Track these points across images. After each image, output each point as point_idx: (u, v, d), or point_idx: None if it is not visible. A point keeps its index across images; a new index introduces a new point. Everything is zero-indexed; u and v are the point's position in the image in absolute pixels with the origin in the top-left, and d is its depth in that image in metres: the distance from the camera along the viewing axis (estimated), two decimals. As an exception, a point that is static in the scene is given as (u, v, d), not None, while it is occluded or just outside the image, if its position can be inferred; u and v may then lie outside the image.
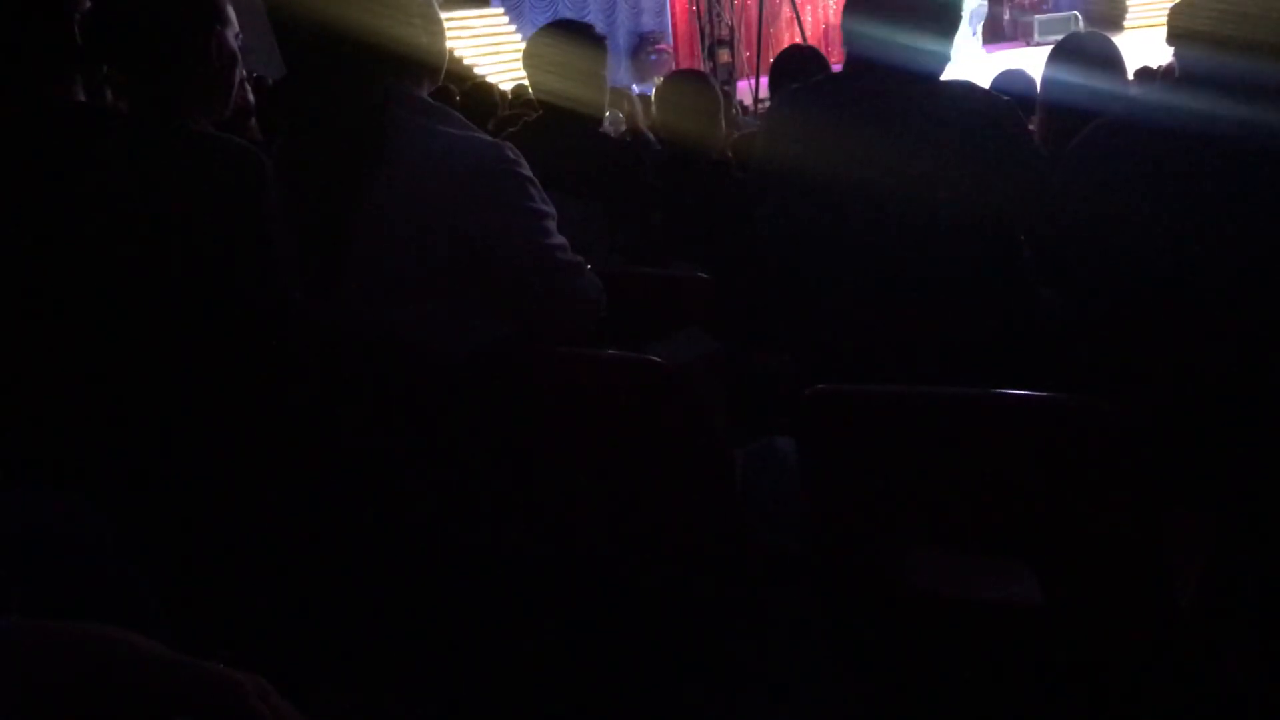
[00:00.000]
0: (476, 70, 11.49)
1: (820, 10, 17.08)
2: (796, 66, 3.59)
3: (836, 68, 3.00)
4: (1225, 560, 1.56)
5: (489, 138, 1.78)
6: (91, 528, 0.99)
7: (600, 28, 3.27)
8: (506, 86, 8.49)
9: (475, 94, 6.08)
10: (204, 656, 0.64)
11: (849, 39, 2.10)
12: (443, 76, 1.92)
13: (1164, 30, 1.95)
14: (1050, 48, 3.10)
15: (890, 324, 2.06)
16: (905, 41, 2.01)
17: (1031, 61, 5.94)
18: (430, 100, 1.78)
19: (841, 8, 2.19)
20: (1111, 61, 2.90)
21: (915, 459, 1.47)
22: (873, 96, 2.05)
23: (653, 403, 1.63)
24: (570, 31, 3.08)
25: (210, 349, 1.71)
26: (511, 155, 1.73)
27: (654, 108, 4.42)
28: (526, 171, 1.76)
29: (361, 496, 1.67)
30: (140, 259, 1.66)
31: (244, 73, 2.64)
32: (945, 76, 2.10)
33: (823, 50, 4.73)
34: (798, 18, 11.55)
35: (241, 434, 1.65)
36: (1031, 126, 2.80)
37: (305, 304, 1.76)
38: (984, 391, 1.40)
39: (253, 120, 3.03)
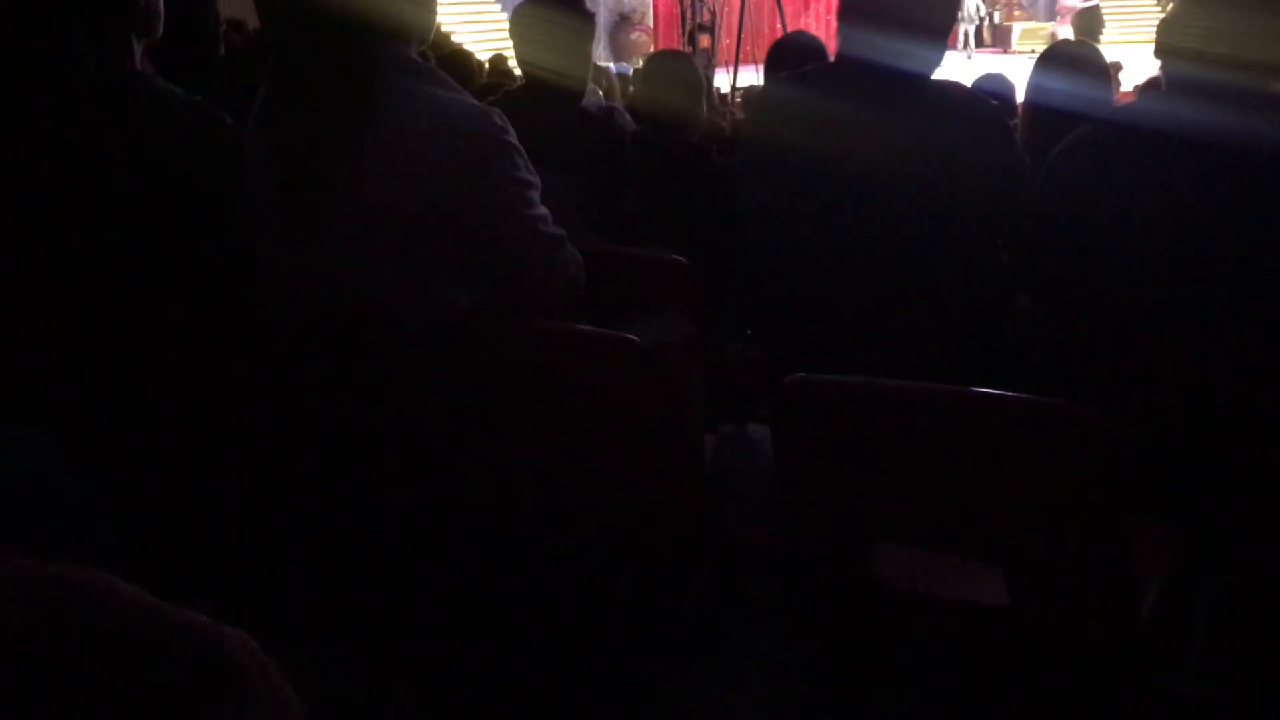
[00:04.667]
0: (454, 39, 11.35)
1: (800, 3, 17.05)
2: (796, 54, 3.56)
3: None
4: (1188, 571, 1.58)
5: (478, 103, 1.75)
6: (50, 469, 0.96)
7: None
8: (483, 57, 8.41)
9: (452, 61, 6.01)
10: (185, 607, 0.62)
11: (842, 42, 2.10)
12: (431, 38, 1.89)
13: (1136, 47, 1.97)
14: (1027, 56, 3.11)
15: (864, 317, 2.06)
16: (897, 48, 2.01)
17: (1007, 68, 5.96)
18: (421, 60, 1.75)
19: (819, 3, 2.19)
20: (1098, 70, 2.91)
21: (890, 453, 1.47)
22: (861, 88, 2.04)
23: (628, 382, 1.61)
24: (559, 4, 3.04)
25: (176, 304, 1.67)
26: (499, 122, 1.71)
27: (637, 83, 4.39)
28: (513, 140, 1.73)
29: (330, 459, 1.64)
30: (104, 215, 1.61)
31: (223, 22, 2.58)
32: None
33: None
34: (779, 8, 11.51)
35: (211, 389, 1.62)
36: (1012, 131, 2.81)
37: (279, 262, 1.72)
38: (964, 390, 1.40)
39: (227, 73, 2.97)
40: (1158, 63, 1.94)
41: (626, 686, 1.84)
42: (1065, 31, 14.29)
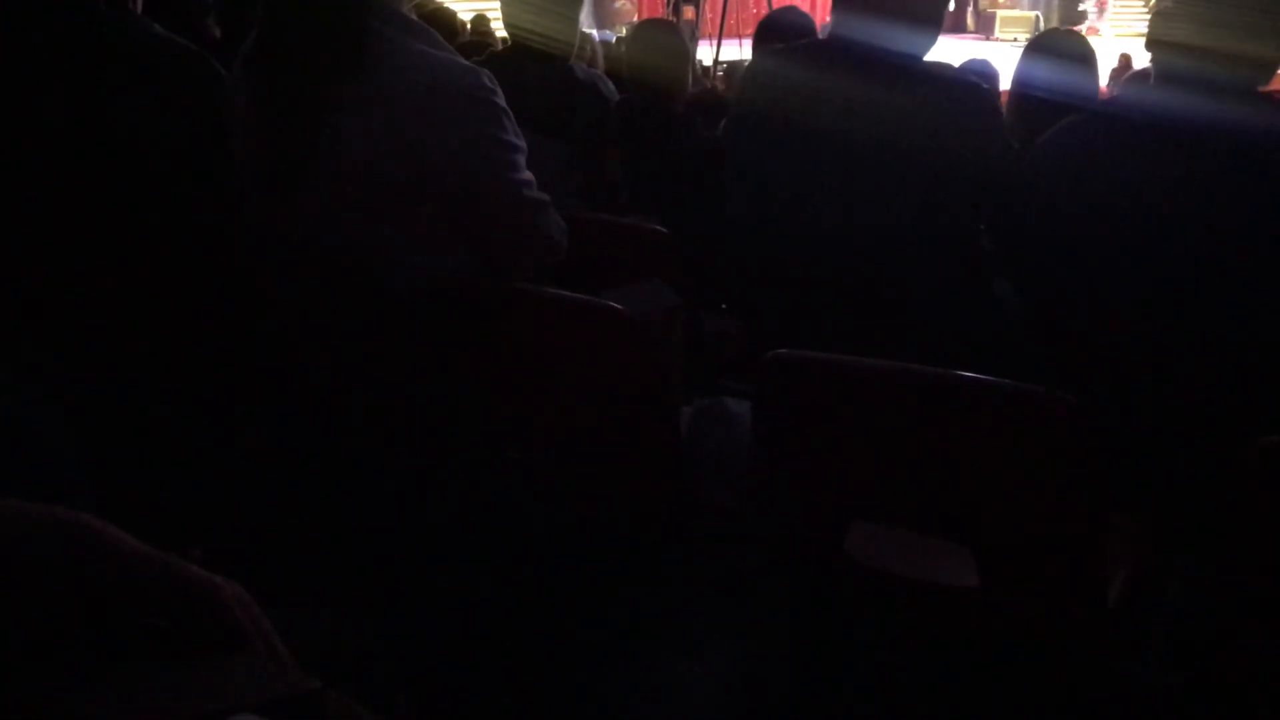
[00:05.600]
0: (436, -2, 11.21)
1: (787, -21, 16.96)
2: (786, 30, 3.54)
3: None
4: (1155, 562, 1.60)
5: (467, 62, 1.73)
6: (30, 411, 0.94)
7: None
8: (465, 17, 8.33)
9: (435, 19, 5.94)
10: (176, 554, 0.61)
11: (835, 25, 2.09)
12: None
13: (1117, 40, 1.98)
14: (1008, 44, 3.11)
15: (843, 295, 2.07)
16: (890, 33, 2.00)
17: (989, 55, 5.94)
18: (412, 17, 1.72)
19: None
20: (1086, 60, 2.92)
21: (868, 432, 1.48)
22: (853, 65, 2.04)
23: (612, 349, 1.61)
24: (550, -31, 3.00)
25: (153, 253, 1.66)
26: (489, 83, 1.69)
27: (624, 50, 4.36)
28: (502, 102, 1.72)
29: (309, 413, 1.63)
30: (88, 161, 1.60)
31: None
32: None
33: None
34: (765, -17, 11.44)
35: (192, 339, 1.61)
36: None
37: (263, 213, 1.70)
38: (945, 372, 1.41)
39: (211, 19, 2.93)
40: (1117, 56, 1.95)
41: (595, 652, 1.84)
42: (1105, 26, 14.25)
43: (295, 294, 1.70)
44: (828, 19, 2.18)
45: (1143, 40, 1.99)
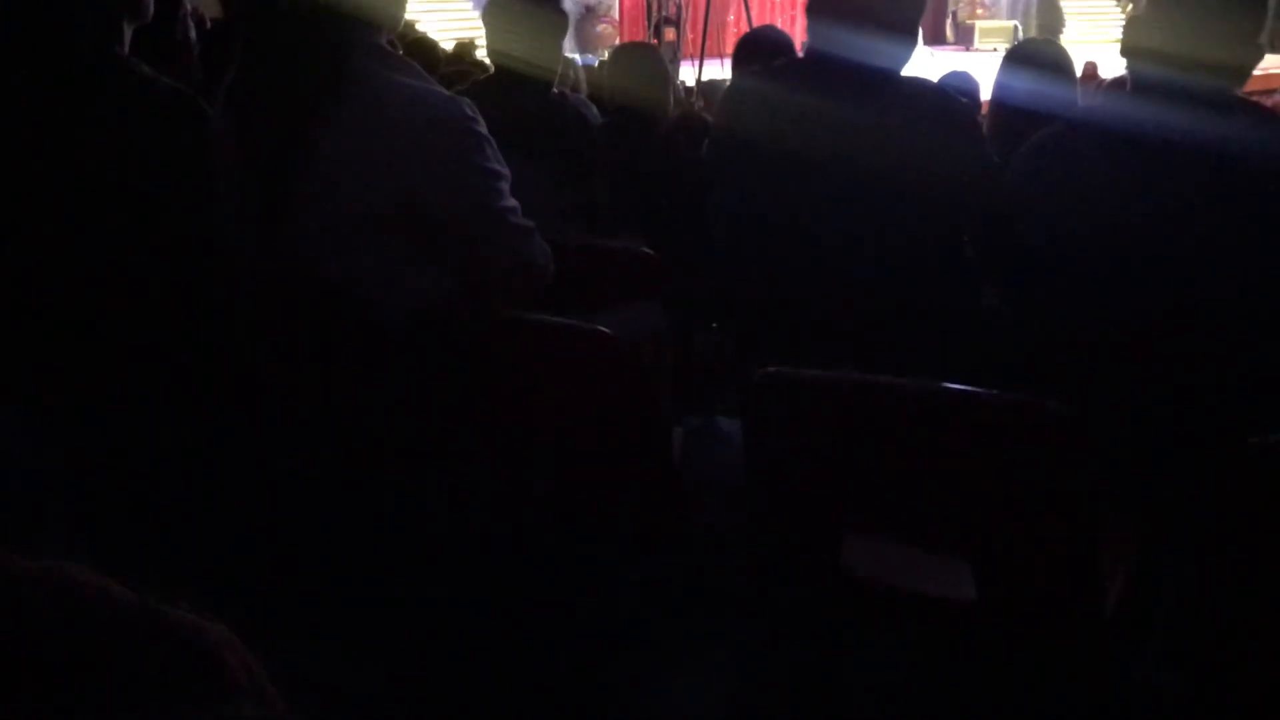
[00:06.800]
0: (418, 26, 11.25)
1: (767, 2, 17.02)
2: (764, 49, 3.56)
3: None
4: (1151, 563, 1.60)
5: (447, 92, 1.74)
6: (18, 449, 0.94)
7: (549, -5, 3.19)
8: (447, 45, 8.35)
9: (416, 49, 5.95)
10: (165, 599, 0.61)
11: (811, 37, 2.10)
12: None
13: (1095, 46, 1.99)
14: (988, 54, 3.13)
15: (830, 311, 2.07)
16: (866, 44, 2.02)
17: (968, 66, 5.95)
18: (390, 49, 1.74)
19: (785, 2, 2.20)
20: (1063, 69, 2.94)
21: (860, 447, 1.48)
22: (831, 84, 2.05)
23: (601, 374, 1.61)
24: None
25: (140, 289, 1.66)
26: (469, 112, 1.70)
27: (606, 73, 4.39)
28: (483, 130, 1.73)
29: (298, 447, 1.63)
30: (74, 200, 1.61)
31: (188, 6, 2.56)
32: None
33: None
34: (745, 3, 11.48)
35: (178, 375, 1.61)
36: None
37: (246, 247, 1.70)
38: (935, 385, 1.41)
39: (194, 58, 2.93)
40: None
41: (591, 674, 1.84)
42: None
43: (282, 325, 1.71)
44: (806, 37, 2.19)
45: (1109, 46, 2.01)
